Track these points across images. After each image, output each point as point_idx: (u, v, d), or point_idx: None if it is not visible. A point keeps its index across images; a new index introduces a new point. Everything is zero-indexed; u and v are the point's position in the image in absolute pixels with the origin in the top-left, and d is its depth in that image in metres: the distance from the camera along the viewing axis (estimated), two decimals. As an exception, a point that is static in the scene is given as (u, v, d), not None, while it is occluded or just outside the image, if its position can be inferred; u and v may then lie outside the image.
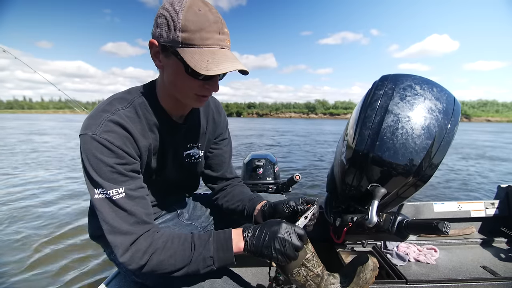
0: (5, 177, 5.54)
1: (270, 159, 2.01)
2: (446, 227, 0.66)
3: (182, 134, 0.85)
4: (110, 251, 0.87)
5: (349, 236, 1.17)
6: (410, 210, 1.59)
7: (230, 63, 0.62)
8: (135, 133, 0.70)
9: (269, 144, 13.35)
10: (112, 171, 0.64)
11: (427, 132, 0.95)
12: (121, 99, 0.72)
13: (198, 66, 0.60)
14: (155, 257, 0.64)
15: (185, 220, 1.02)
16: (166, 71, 0.70)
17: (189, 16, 0.60)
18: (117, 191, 0.64)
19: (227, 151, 1.04)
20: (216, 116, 0.96)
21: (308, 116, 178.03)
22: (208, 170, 1.03)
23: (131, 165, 0.68)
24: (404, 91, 1.02)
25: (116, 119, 0.66)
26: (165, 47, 0.64)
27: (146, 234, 0.66)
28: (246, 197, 0.97)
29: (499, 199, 1.64)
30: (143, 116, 0.74)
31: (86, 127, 0.65)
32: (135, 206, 0.66)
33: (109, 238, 0.65)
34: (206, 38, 0.62)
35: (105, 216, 0.64)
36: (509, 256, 1.34)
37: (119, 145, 0.65)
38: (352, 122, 1.13)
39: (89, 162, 0.63)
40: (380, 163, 0.97)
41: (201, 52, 0.61)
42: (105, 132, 0.64)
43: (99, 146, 0.63)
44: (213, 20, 0.62)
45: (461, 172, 6.85)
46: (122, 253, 0.64)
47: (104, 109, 0.68)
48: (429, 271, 1.21)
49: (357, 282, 0.93)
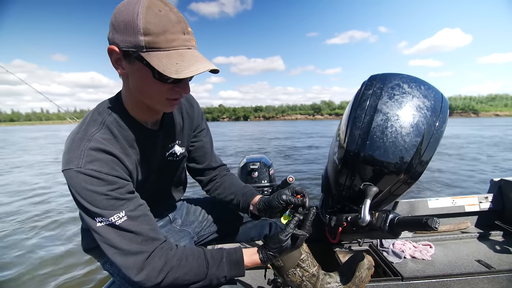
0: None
1: (265, 162, 2.01)
2: (435, 223, 0.67)
3: (160, 139, 0.83)
4: (104, 261, 0.87)
5: (345, 235, 1.18)
6: (405, 207, 1.60)
7: (200, 63, 0.60)
8: (118, 154, 0.67)
9: (262, 148, 13.37)
10: (108, 199, 0.62)
11: (416, 130, 0.96)
12: (93, 122, 0.69)
13: (167, 70, 0.57)
14: (171, 275, 0.65)
15: (178, 226, 1.01)
16: (131, 78, 0.66)
17: (150, 18, 0.56)
18: (118, 216, 0.62)
19: (207, 141, 1.03)
20: (189, 111, 0.94)
21: (313, 117, 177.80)
22: (193, 164, 1.02)
23: (124, 187, 0.66)
24: (392, 90, 1.03)
25: (95, 146, 0.64)
26: (127, 52, 0.60)
27: (159, 252, 0.66)
28: (239, 190, 0.99)
29: (493, 193, 1.66)
30: (119, 134, 0.70)
31: (68, 162, 0.62)
32: (140, 225, 0.65)
33: (119, 260, 0.63)
34: (172, 40, 0.59)
35: (111, 241, 0.62)
36: (504, 249, 1.36)
37: (107, 171, 0.63)
38: (343, 122, 1.14)
39: (81, 196, 0.61)
40: (371, 162, 0.98)
41: (169, 55, 0.58)
42: (89, 162, 0.61)
43: (87, 178, 0.60)
44: (176, 20, 0.59)
45: (454, 169, 6.91)
46: (137, 272, 0.62)
47: (80, 138, 0.65)
48: (425, 267, 1.22)
49: (353, 281, 0.93)
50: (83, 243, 0.89)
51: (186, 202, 1.12)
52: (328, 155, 1.33)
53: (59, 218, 3.86)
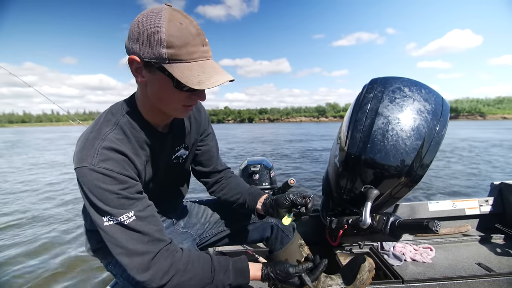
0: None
1: (266, 164, 2.02)
2: (436, 225, 0.67)
3: (169, 142, 0.86)
4: (108, 262, 0.87)
5: (345, 238, 1.18)
6: (405, 210, 1.60)
7: (220, 75, 0.64)
8: (130, 154, 0.70)
9: (265, 150, 13.37)
10: (119, 197, 0.64)
11: (417, 133, 0.97)
12: (107, 122, 0.72)
13: (190, 82, 0.60)
14: (176, 279, 0.65)
15: (181, 228, 1.02)
16: (150, 86, 0.68)
17: (172, 31, 0.59)
18: (127, 215, 0.64)
19: (213, 146, 1.06)
20: (197, 115, 0.97)
21: (318, 119, 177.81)
22: (199, 167, 1.05)
23: (134, 187, 0.68)
24: (393, 93, 1.04)
25: (109, 145, 0.66)
26: (149, 63, 0.62)
27: (165, 253, 0.67)
28: (245, 190, 1.03)
29: (493, 196, 1.66)
30: (131, 135, 0.73)
31: (81, 160, 0.64)
32: (148, 226, 0.66)
33: (125, 260, 0.64)
34: (192, 52, 0.62)
35: (118, 241, 0.63)
36: (504, 252, 1.36)
37: (119, 170, 0.65)
38: (344, 125, 1.15)
39: (93, 193, 0.62)
40: (372, 165, 0.99)
41: (190, 67, 0.62)
42: (102, 161, 0.63)
43: (100, 176, 0.62)
44: (196, 33, 0.62)
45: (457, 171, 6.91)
46: (142, 272, 0.63)
47: (94, 137, 0.67)
48: (425, 270, 1.22)
49: (355, 283, 0.94)
50: (87, 245, 0.90)
51: (188, 205, 1.13)
52: (329, 158, 1.33)
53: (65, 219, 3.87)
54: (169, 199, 0.99)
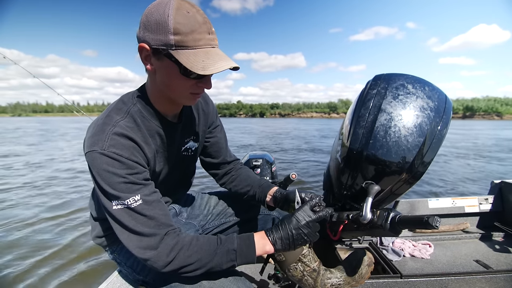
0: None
1: (268, 159, 2.03)
2: (436, 221, 0.68)
3: (179, 132, 0.88)
4: (113, 250, 0.89)
5: (345, 233, 1.19)
6: (405, 207, 1.62)
7: (224, 61, 0.65)
8: (139, 141, 0.72)
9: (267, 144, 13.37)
10: (126, 182, 0.65)
11: (419, 130, 0.97)
12: (118, 110, 0.74)
13: (194, 67, 0.63)
14: (182, 253, 0.67)
15: (184, 219, 1.04)
16: (158, 73, 0.71)
17: (179, 19, 0.61)
18: (134, 199, 0.65)
19: (222, 137, 1.08)
20: (205, 108, 0.99)
21: (329, 115, 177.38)
22: (209, 158, 1.08)
23: (142, 173, 0.70)
24: (396, 90, 1.04)
25: (119, 131, 0.68)
26: (157, 50, 0.65)
27: (172, 233, 0.69)
28: (255, 182, 1.06)
29: (493, 194, 1.67)
30: (142, 124, 0.75)
31: (92, 144, 0.66)
32: (154, 210, 0.68)
33: (131, 243, 0.66)
34: (198, 39, 0.64)
35: (126, 225, 0.65)
36: (503, 249, 1.38)
37: (128, 156, 0.67)
38: (346, 121, 1.15)
39: (101, 177, 0.64)
40: (374, 161, 0.99)
41: (195, 53, 0.64)
42: (112, 145, 0.65)
43: (109, 160, 0.64)
44: (202, 21, 0.64)
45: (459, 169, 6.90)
46: (148, 251, 0.65)
47: (105, 123, 0.69)
48: (423, 266, 1.24)
49: (353, 277, 0.95)
50: (92, 233, 0.92)
51: (191, 196, 1.15)
52: (331, 154, 1.34)
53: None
54: (174, 190, 1.01)
